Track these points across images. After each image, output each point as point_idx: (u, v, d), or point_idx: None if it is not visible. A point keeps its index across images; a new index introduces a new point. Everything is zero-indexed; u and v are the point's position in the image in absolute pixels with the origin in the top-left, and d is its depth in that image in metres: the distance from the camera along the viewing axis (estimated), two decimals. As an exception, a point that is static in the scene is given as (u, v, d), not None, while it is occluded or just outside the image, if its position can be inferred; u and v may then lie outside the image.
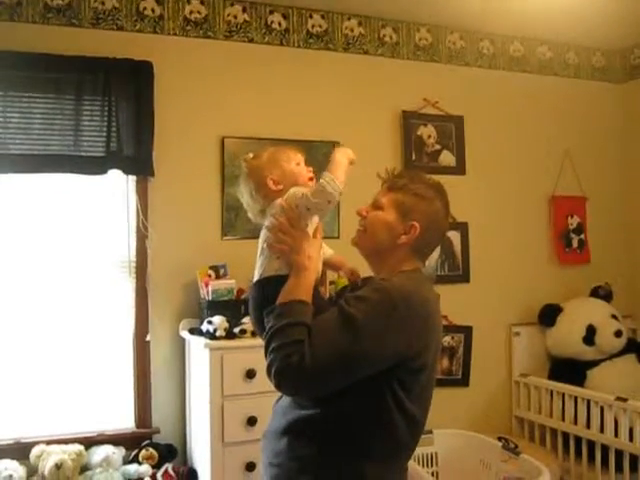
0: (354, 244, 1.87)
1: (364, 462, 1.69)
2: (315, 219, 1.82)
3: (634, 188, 4.90)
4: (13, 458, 3.29)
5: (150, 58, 3.61)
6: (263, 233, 1.84)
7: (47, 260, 3.54)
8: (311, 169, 1.91)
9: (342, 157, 1.80)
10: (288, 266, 1.76)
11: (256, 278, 1.83)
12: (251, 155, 1.93)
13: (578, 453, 4.02)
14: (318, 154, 3.92)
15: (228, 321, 3.32)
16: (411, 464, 3.43)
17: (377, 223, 1.83)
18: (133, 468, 3.42)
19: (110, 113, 3.51)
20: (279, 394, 1.84)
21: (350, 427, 1.69)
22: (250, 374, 3.17)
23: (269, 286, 1.76)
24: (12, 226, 3.49)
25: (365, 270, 1.93)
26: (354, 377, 1.64)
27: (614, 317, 4.39)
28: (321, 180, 1.75)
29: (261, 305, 1.76)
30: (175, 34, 3.78)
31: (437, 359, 1.83)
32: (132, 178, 3.66)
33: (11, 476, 3.17)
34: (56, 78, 3.43)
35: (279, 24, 4.01)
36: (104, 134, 3.50)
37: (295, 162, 1.89)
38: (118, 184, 3.64)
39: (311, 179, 1.88)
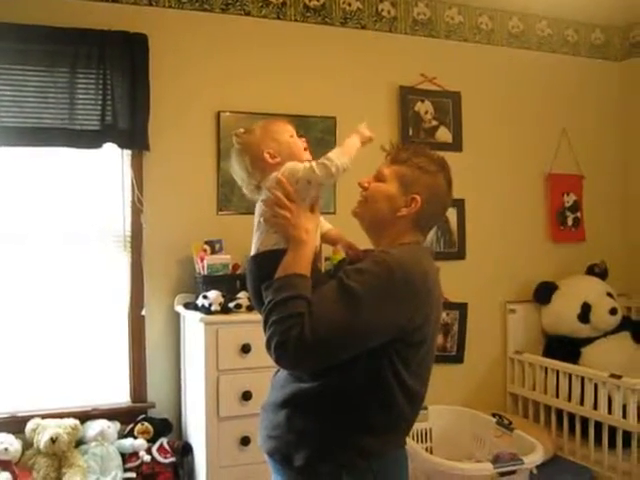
0: (354, 214, 1.86)
1: (363, 435, 1.69)
2: (313, 193, 1.80)
3: (631, 166, 4.89)
4: (9, 432, 3.30)
5: (145, 31, 3.57)
6: (259, 207, 1.82)
7: (42, 234, 3.52)
8: (304, 139, 1.89)
9: (356, 138, 1.80)
10: (285, 240, 1.74)
11: (253, 253, 1.81)
12: (242, 130, 1.89)
13: (572, 430, 4.04)
14: (315, 129, 3.90)
15: (223, 296, 3.32)
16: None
17: (378, 194, 1.82)
18: (128, 442, 3.44)
19: (105, 86, 3.48)
20: (277, 367, 1.83)
21: (349, 400, 1.68)
22: (245, 349, 3.17)
23: (266, 260, 1.74)
24: (5, 201, 3.47)
25: (362, 245, 1.92)
26: (354, 350, 1.63)
27: (609, 295, 4.40)
28: (330, 154, 1.74)
29: (258, 280, 1.75)
30: (171, 6, 3.73)
31: (437, 333, 1.83)
32: (127, 152, 3.63)
33: (7, 449, 3.18)
34: (50, 50, 3.39)
35: (276, -3, 3.97)
36: (99, 107, 3.47)
37: (289, 134, 1.86)
38: (113, 158, 3.62)
39: (305, 149, 1.86)
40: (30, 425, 3.30)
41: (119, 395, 3.68)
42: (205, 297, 3.30)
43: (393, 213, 1.80)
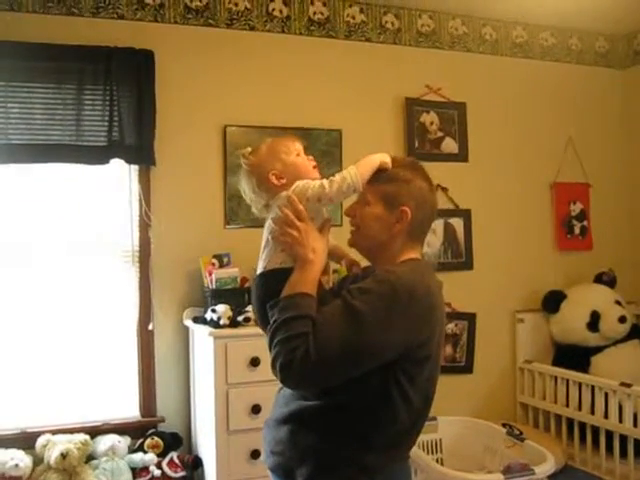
0: (350, 245, 1.84)
1: (366, 451, 1.69)
2: (324, 213, 1.80)
3: (638, 174, 4.87)
4: (19, 448, 3.31)
5: (151, 47, 3.60)
6: (268, 225, 1.81)
7: (51, 250, 3.54)
8: (312, 157, 1.87)
9: (374, 160, 1.76)
10: (292, 259, 1.73)
11: (259, 270, 1.81)
12: (249, 150, 1.89)
13: (582, 439, 4.03)
14: (320, 142, 3.92)
15: (232, 309, 3.32)
16: (416, 451, 3.45)
17: (368, 219, 1.80)
18: (139, 457, 3.44)
19: (111, 102, 3.50)
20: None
21: (352, 417, 1.68)
22: (254, 362, 3.17)
23: (272, 279, 1.74)
24: (15, 217, 3.49)
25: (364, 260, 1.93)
26: (359, 370, 1.63)
27: (618, 303, 4.38)
28: (345, 172, 1.72)
29: (264, 297, 1.74)
30: (176, 22, 3.76)
31: (441, 349, 1.81)
32: (134, 167, 3.66)
33: (17, 465, 3.20)
34: (57, 68, 3.43)
35: (280, 11, 3.99)
36: (106, 123, 3.49)
37: (295, 153, 1.85)
38: (120, 173, 3.64)
39: (315, 167, 1.85)
40: (40, 441, 3.31)
41: (129, 410, 3.68)
42: (214, 311, 3.30)
43: (387, 232, 1.78)
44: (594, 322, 4.28)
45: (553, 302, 4.47)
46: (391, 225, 1.77)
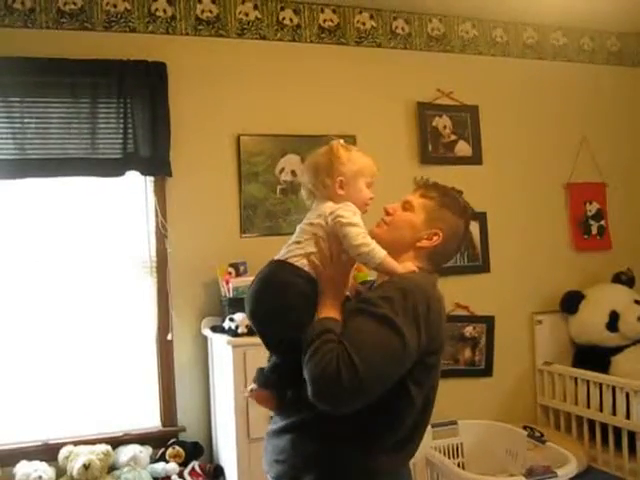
0: (372, 234, 1.83)
1: (369, 456, 1.70)
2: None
3: (654, 172, 4.85)
4: (42, 459, 3.33)
5: (163, 59, 3.63)
6: (305, 225, 1.81)
7: (69, 263, 3.57)
8: (372, 196, 1.86)
9: (399, 269, 1.75)
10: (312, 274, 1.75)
11: (278, 257, 1.80)
12: (342, 142, 1.88)
13: (605, 440, 4.00)
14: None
15: (250, 318, 3.33)
16: (437, 455, 3.46)
17: (403, 222, 1.85)
18: (160, 466, 3.45)
19: (126, 115, 3.53)
20: None
21: (357, 423, 1.67)
22: (273, 370, 3.17)
23: (284, 271, 1.75)
24: (34, 230, 3.53)
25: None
26: (398, 375, 1.63)
27: (637, 302, 4.35)
28: (379, 250, 1.73)
29: (267, 282, 1.77)
30: (187, 34, 3.79)
31: (443, 355, 1.85)
32: (150, 179, 3.68)
33: (40, 477, 3.22)
34: (71, 82, 3.46)
35: (290, 20, 4.01)
36: (120, 136, 3.53)
37: (368, 182, 1.85)
38: (136, 185, 3.67)
39: (366, 205, 1.85)
40: (63, 452, 3.33)
41: (150, 420, 3.70)
42: (232, 319, 3.31)
43: (413, 242, 1.83)
44: (613, 322, 4.26)
45: (571, 303, 4.45)
46: (419, 238, 1.83)
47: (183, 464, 3.49)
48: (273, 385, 1.84)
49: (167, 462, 3.47)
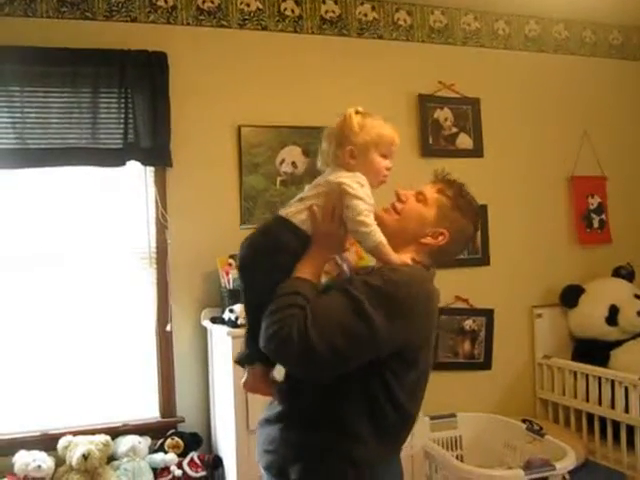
0: (377, 217, 1.80)
1: (353, 445, 1.70)
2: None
3: (655, 166, 4.84)
4: (41, 449, 3.33)
5: (164, 49, 3.61)
6: (314, 185, 1.81)
7: (69, 253, 3.57)
8: (390, 167, 1.83)
9: (396, 259, 1.74)
10: (309, 231, 1.76)
11: (281, 212, 1.80)
12: (360, 109, 1.88)
13: (603, 434, 4.00)
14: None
15: (249, 309, 3.33)
16: (436, 448, 3.46)
17: (414, 213, 1.84)
18: (159, 457, 3.45)
19: (126, 105, 3.52)
20: None
21: (342, 415, 1.70)
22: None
23: (282, 228, 1.76)
24: (34, 220, 3.52)
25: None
26: (367, 357, 1.64)
27: (637, 297, 4.35)
28: (379, 233, 1.72)
29: (263, 235, 1.78)
30: (189, 24, 3.78)
31: (431, 357, 1.84)
32: (150, 169, 3.67)
33: (39, 467, 3.22)
34: (72, 72, 3.44)
35: (292, 11, 3.99)
36: (121, 126, 3.51)
37: (384, 152, 1.82)
38: (136, 175, 3.66)
39: (384, 177, 1.82)
40: (62, 442, 3.33)
41: (149, 410, 3.70)
42: (231, 311, 3.31)
43: (418, 236, 1.82)
44: (613, 316, 4.26)
45: (571, 297, 4.45)
46: (425, 234, 1.82)
47: (182, 455, 3.49)
48: (254, 357, 1.82)
49: (166, 453, 3.48)
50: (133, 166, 3.57)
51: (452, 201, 1.85)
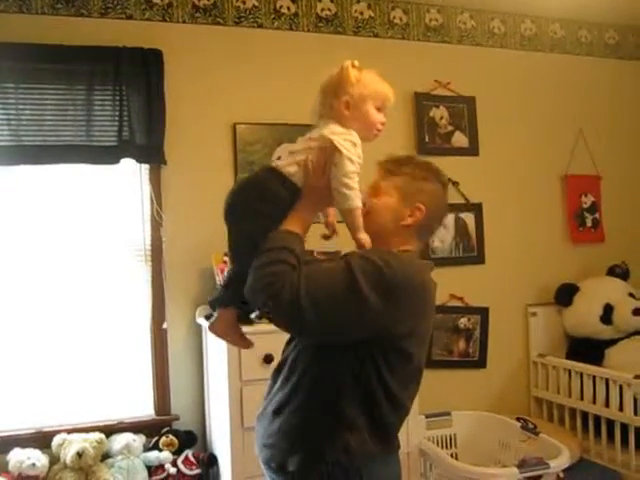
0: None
1: (345, 432, 1.71)
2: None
3: (649, 165, 4.85)
4: (35, 447, 3.32)
5: (159, 46, 3.60)
6: (307, 139, 1.83)
7: (63, 250, 3.56)
8: (384, 122, 1.84)
9: (363, 235, 1.76)
10: (300, 183, 1.77)
11: (271, 164, 1.82)
12: (357, 63, 1.87)
13: (597, 432, 4.01)
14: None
15: (245, 306, 3.32)
16: (430, 446, 3.46)
17: (381, 207, 1.84)
18: (154, 455, 3.45)
19: (121, 102, 3.51)
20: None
21: (336, 401, 1.71)
22: (268, 359, 3.17)
23: (271, 177, 1.78)
24: (28, 217, 3.51)
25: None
26: (356, 325, 1.64)
27: (631, 295, 4.36)
28: (354, 202, 1.74)
29: (251, 184, 1.83)
30: (184, 21, 3.77)
31: (426, 347, 1.85)
32: (145, 166, 3.67)
33: (34, 465, 3.21)
34: (67, 69, 3.44)
35: (288, 8, 3.99)
36: (116, 123, 3.51)
37: (379, 106, 1.83)
38: (131, 173, 3.65)
39: (378, 131, 1.83)
40: (56, 440, 3.33)
41: (143, 408, 3.69)
42: (226, 308, 3.30)
43: (396, 223, 1.82)
44: (607, 315, 4.27)
45: (566, 295, 4.45)
46: (402, 217, 1.82)
47: (176, 453, 3.49)
48: (230, 300, 1.86)
49: (160, 451, 3.47)
50: (128, 163, 3.57)
51: (405, 175, 1.85)
